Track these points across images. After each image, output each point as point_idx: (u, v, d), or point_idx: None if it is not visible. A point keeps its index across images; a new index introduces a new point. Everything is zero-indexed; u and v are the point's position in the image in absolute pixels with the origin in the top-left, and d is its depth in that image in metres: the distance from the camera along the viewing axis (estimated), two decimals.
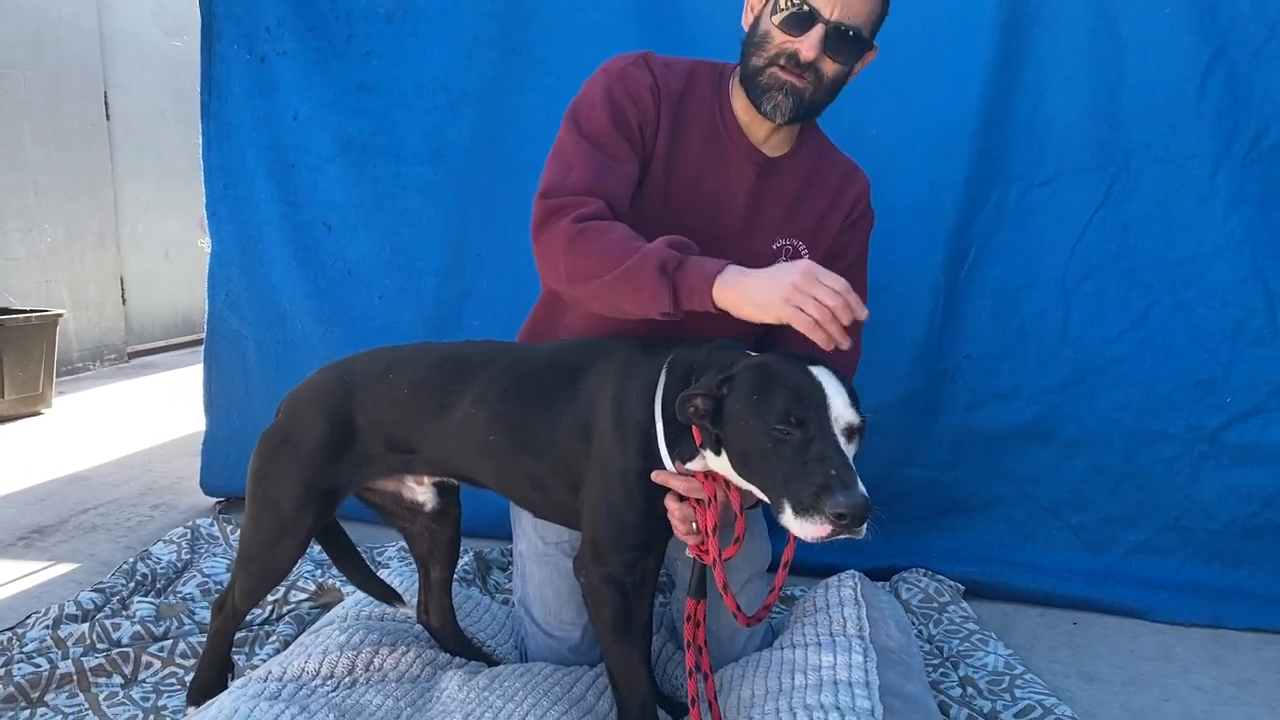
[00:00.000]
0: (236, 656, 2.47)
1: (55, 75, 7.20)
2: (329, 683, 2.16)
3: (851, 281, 2.35)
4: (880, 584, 2.96)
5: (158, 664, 2.52)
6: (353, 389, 2.11)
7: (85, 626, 2.62)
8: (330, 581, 2.94)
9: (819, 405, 1.69)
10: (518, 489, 2.11)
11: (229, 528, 3.49)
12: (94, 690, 2.41)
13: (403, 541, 2.47)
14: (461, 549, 2.46)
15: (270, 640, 2.68)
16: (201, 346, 3.96)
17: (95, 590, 2.89)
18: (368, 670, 2.23)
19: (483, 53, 3.52)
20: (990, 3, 3.11)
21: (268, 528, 2.14)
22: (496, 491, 2.14)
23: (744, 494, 1.88)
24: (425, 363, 2.12)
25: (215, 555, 3.26)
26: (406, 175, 3.64)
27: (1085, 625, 3.00)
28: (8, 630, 2.68)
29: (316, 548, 2.35)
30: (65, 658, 2.50)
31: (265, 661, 2.31)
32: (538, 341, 2.29)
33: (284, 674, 2.15)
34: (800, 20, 2.06)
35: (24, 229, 6.95)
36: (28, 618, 2.76)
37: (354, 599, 2.53)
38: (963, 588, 3.11)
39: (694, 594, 2.01)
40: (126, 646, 2.56)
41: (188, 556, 3.27)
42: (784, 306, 1.77)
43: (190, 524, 3.50)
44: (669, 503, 1.93)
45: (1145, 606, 3.02)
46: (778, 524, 1.70)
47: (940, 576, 3.12)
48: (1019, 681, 2.51)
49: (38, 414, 5.82)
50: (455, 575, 2.46)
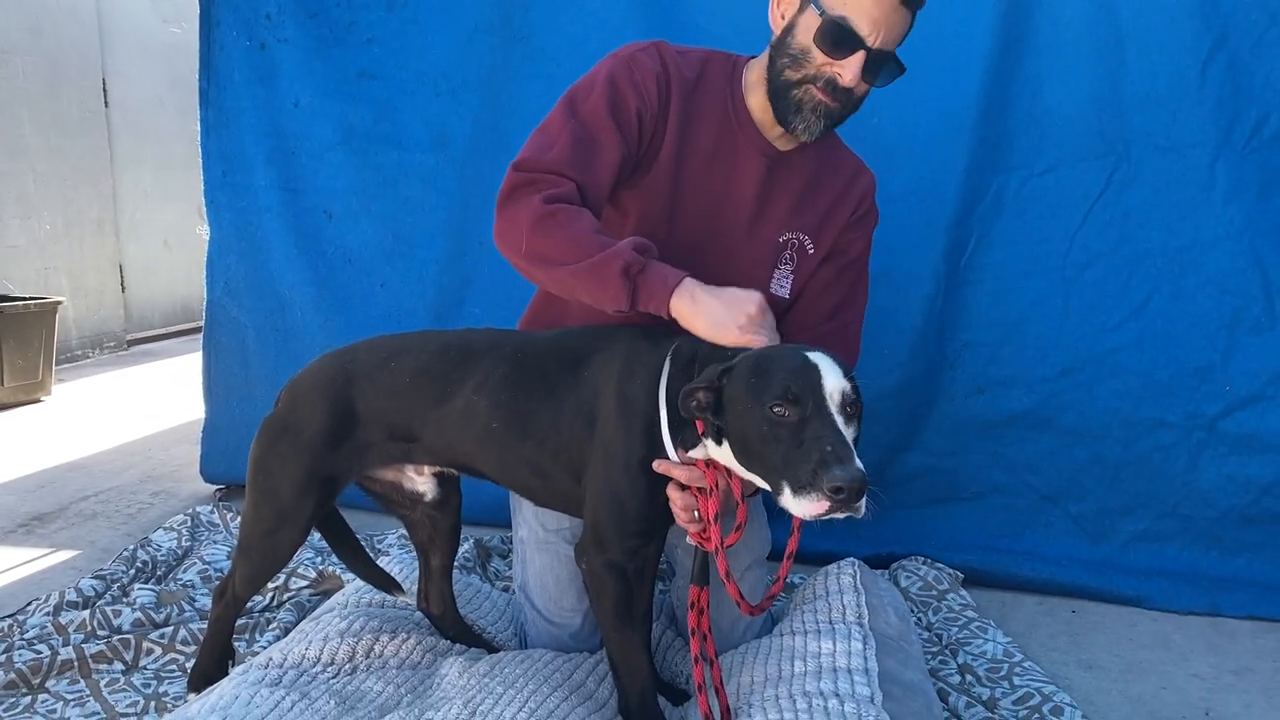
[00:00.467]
0: (237, 643, 2.47)
1: (54, 62, 7.19)
2: (329, 669, 2.17)
3: (851, 278, 2.38)
4: (879, 571, 2.96)
5: (158, 651, 2.52)
6: (353, 377, 2.11)
7: (86, 613, 2.62)
8: (331, 569, 2.94)
9: (814, 384, 1.69)
10: (519, 477, 2.11)
11: (229, 515, 3.50)
12: (95, 677, 2.41)
13: (403, 529, 2.47)
14: (462, 536, 2.46)
15: (271, 627, 2.69)
16: (201, 334, 3.96)
17: (96, 577, 2.89)
18: (368, 657, 2.23)
19: (484, 40, 3.51)
20: None
21: (268, 516, 2.15)
22: (497, 481, 2.14)
23: (745, 482, 1.88)
24: (427, 350, 2.12)
25: (215, 542, 3.27)
26: (408, 163, 3.64)
27: (1084, 613, 3.01)
28: (9, 617, 2.69)
29: (317, 535, 2.35)
30: (66, 644, 2.50)
31: (266, 648, 2.31)
32: (539, 329, 2.29)
33: (285, 661, 2.16)
34: (841, 41, 2.03)
35: (23, 216, 6.94)
36: (28, 604, 2.77)
37: (354, 586, 2.53)
38: (962, 575, 3.11)
39: (697, 581, 2.01)
40: (127, 633, 2.57)
41: (188, 544, 3.28)
42: (739, 335, 1.88)
43: (190, 511, 3.50)
44: (671, 491, 1.93)
45: (1144, 594, 3.04)
46: (778, 512, 1.71)
47: (939, 564, 3.12)
48: (1018, 669, 2.52)
49: (37, 401, 5.82)
50: (456, 562, 2.46)
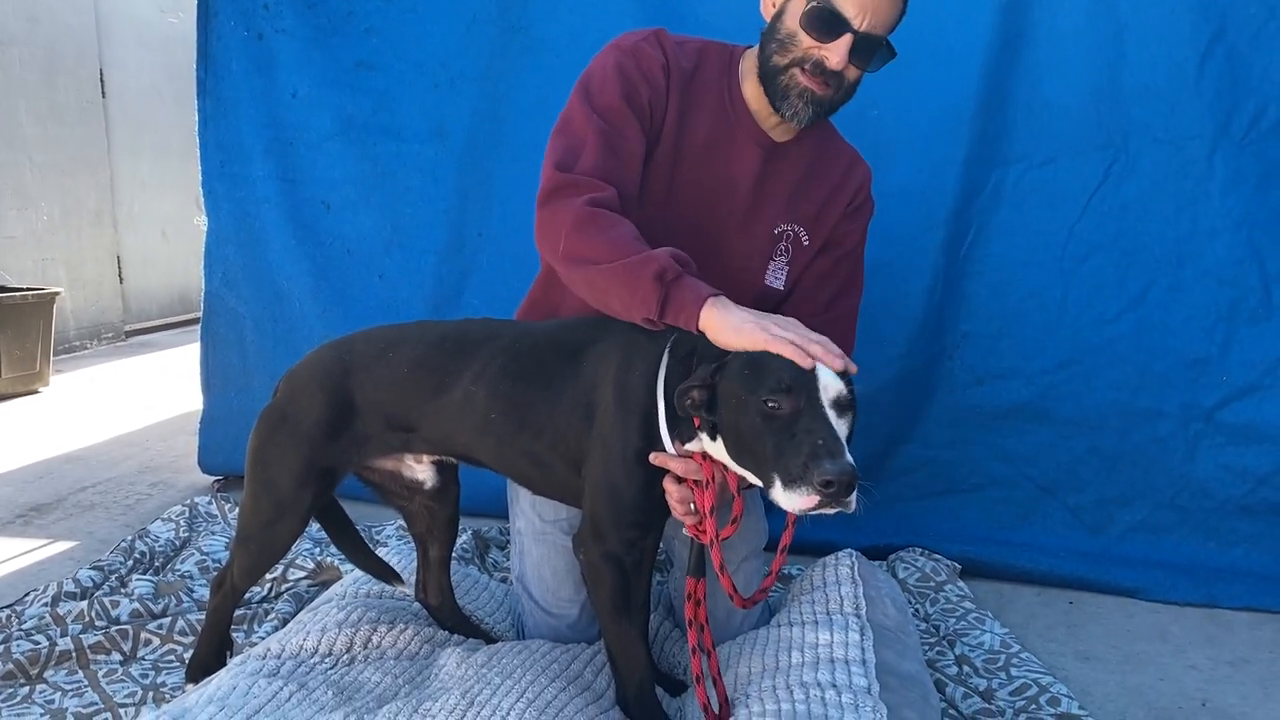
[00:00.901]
0: (235, 634, 2.47)
1: (51, 51, 7.17)
2: (327, 660, 2.17)
3: (847, 270, 2.37)
4: (877, 563, 2.97)
5: (156, 641, 2.52)
6: (351, 368, 2.11)
7: (84, 604, 2.62)
8: (329, 559, 2.95)
9: (807, 378, 1.68)
10: (517, 467, 2.11)
11: (227, 506, 3.50)
12: (93, 667, 2.41)
13: (401, 520, 2.47)
14: (460, 527, 2.46)
15: (269, 618, 2.69)
16: (199, 325, 3.96)
17: (94, 568, 2.89)
18: (366, 648, 2.23)
19: (482, 31, 3.51)
20: None
21: (266, 507, 2.15)
22: (495, 470, 2.15)
23: (741, 475, 1.88)
24: (425, 341, 2.11)
25: (214, 533, 3.27)
26: (406, 154, 3.64)
27: (1081, 604, 3.01)
28: (6, 608, 2.69)
29: (315, 526, 2.35)
30: (64, 635, 2.50)
31: (264, 639, 2.32)
32: (536, 319, 2.29)
33: (283, 651, 2.16)
34: (827, 24, 2.03)
35: (20, 207, 6.93)
36: (26, 595, 2.77)
37: (353, 577, 2.53)
38: (959, 567, 3.12)
39: (693, 573, 2.01)
40: (125, 624, 2.57)
41: (186, 534, 3.28)
42: (765, 336, 1.75)
43: (188, 502, 3.50)
44: (667, 484, 1.93)
45: (1141, 586, 3.04)
46: (775, 505, 1.70)
47: (937, 555, 3.13)
48: (1015, 660, 2.52)
49: (35, 392, 5.82)
50: (454, 553, 2.46)
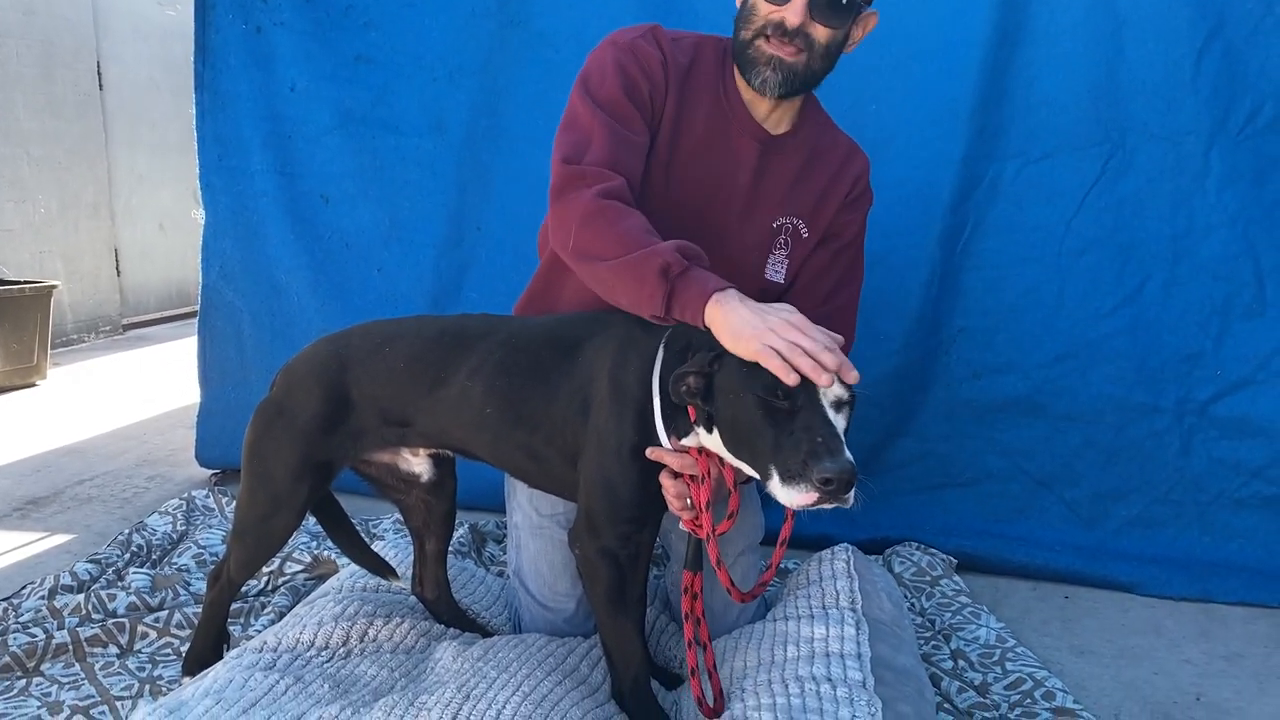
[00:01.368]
0: (232, 627, 2.48)
1: (48, 44, 7.16)
2: (324, 653, 2.17)
3: (846, 262, 2.37)
4: (873, 557, 2.97)
5: (153, 634, 2.53)
6: (348, 362, 2.11)
7: (81, 597, 2.63)
8: (325, 553, 2.95)
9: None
10: (513, 461, 2.11)
11: (224, 499, 3.50)
12: (90, 660, 2.42)
13: (398, 514, 2.47)
14: (457, 521, 2.47)
15: (265, 611, 2.69)
16: (196, 319, 3.96)
17: (91, 561, 2.89)
18: (362, 641, 2.24)
19: (481, 25, 3.51)
20: None
21: (263, 500, 2.15)
22: (492, 464, 2.15)
23: (737, 470, 1.89)
24: (421, 336, 2.12)
25: (211, 527, 3.27)
26: (405, 147, 3.64)
27: (1077, 599, 3.02)
28: (3, 601, 2.68)
29: (312, 520, 2.36)
30: (61, 628, 2.50)
31: (261, 632, 2.32)
32: (534, 314, 2.29)
33: (279, 645, 2.16)
34: None
35: (17, 200, 6.92)
36: (23, 588, 2.77)
37: (349, 570, 2.54)
38: (955, 561, 3.12)
39: (690, 567, 2.02)
40: (122, 617, 2.57)
41: (183, 528, 3.28)
42: (758, 345, 1.69)
43: (185, 496, 3.50)
44: (663, 478, 1.93)
45: (1136, 580, 3.04)
46: (772, 498, 1.71)
47: (933, 550, 3.13)
48: (1010, 654, 2.53)
49: (32, 385, 5.82)
50: (450, 547, 2.46)
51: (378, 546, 2.64)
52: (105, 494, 3.80)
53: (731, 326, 1.75)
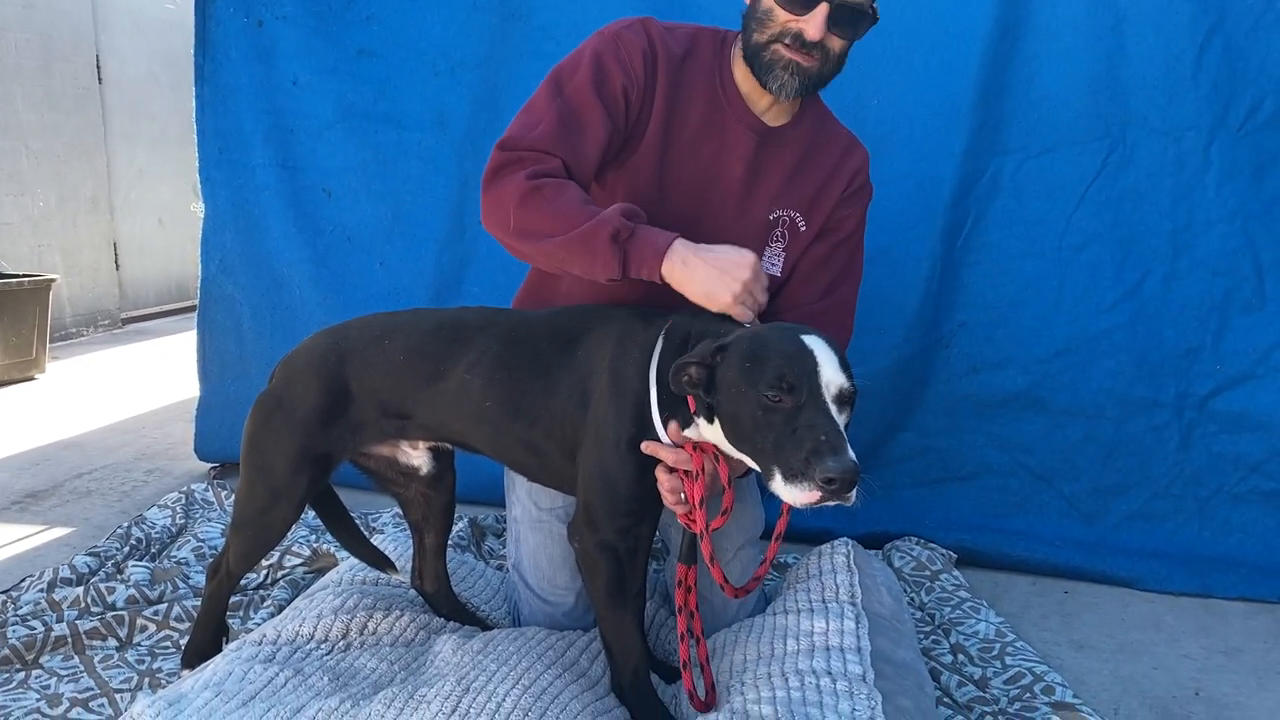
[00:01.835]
0: (231, 620, 2.48)
1: (47, 37, 7.15)
2: (323, 646, 2.17)
3: (845, 256, 2.37)
4: (873, 551, 2.96)
5: (152, 627, 2.53)
6: (347, 354, 2.11)
7: (80, 590, 2.63)
8: (325, 546, 2.95)
9: (810, 372, 1.68)
10: (512, 454, 2.11)
11: (223, 493, 3.50)
12: (89, 653, 2.42)
13: (397, 507, 2.47)
14: (456, 515, 2.47)
15: (265, 604, 2.69)
16: (195, 313, 3.95)
17: (90, 554, 2.89)
18: (362, 634, 2.24)
19: (482, 19, 3.50)
20: None
21: (262, 493, 2.15)
22: (491, 457, 2.15)
23: (733, 465, 1.88)
24: (421, 328, 2.11)
25: (210, 520, 3.27)
26: (407, 141, 3.64)
27: (1076, 594, 3.02)
28: (3, 594, 2.69)
29: (312, 513, 2.36)
30: (60, 621, 2.50)
31: (260, 625, 2.32)
32: (533, 307, 2.29)
33: (278, 637, 2.16)
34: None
35: (16, 193, 6.92)
36: (22, 581, 2.77)
37: (349, 564, 2.54)
38: (955, 555, 3.13)
39: (685, 560, 2.02)
40: (121, 610, 2.57)
41: (182, 521, 3.28)
42: (734, 305, 1.89)
43: (185, 489, 3.50)
44: (659, 473, 1.93)
45: (1136, 575, 3.04)
46: (771, 493, 1.71)
47: (933, 544, 3.14)
48: (1010, 649, 2.52)
49: (31, 379, 5.82)
50: (450, 541, 2.46)
51: (377, 540, 2.64)
52: (104, 487, 3.80)
53: (699, 285, 1.91)
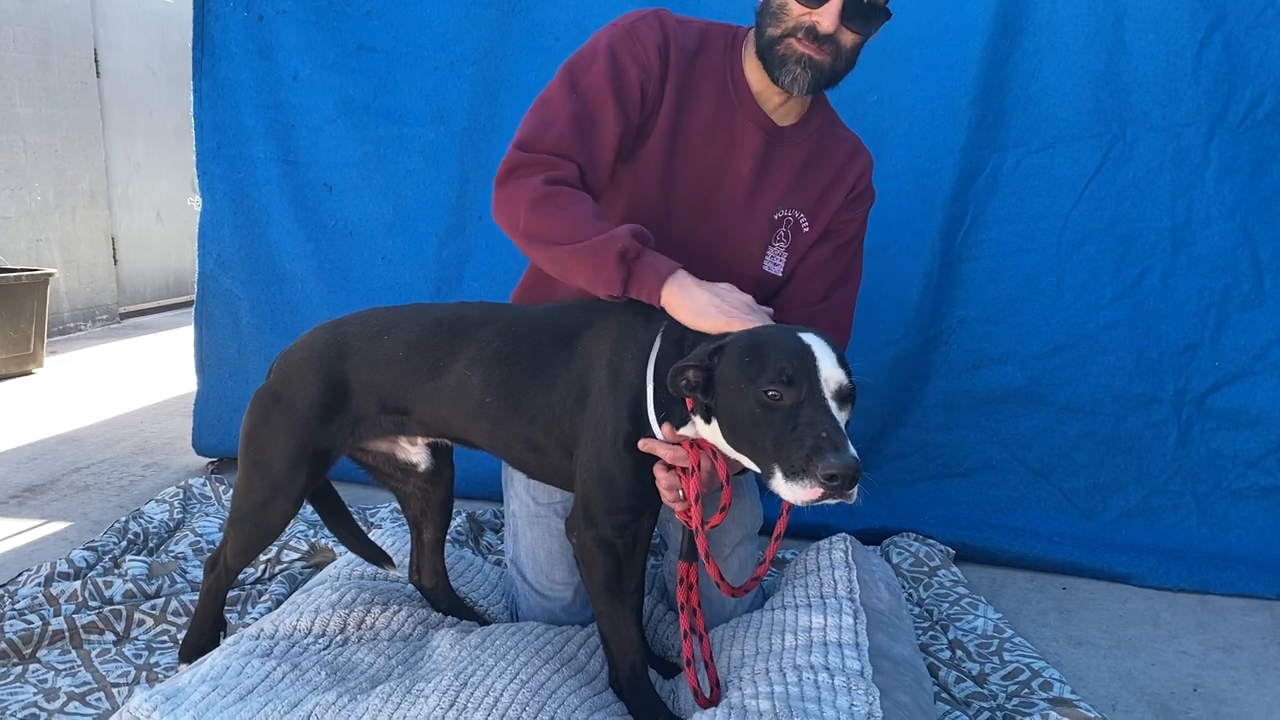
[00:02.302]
0: (229, 615, 2.47)
1: (45, 31, 7.14)
2: (321, 641, 2.17)
3: (846, 259, 2.37)
4: (871, 547, 2.96)
5: (150, 621, 2.52)
6: (346, 350, 2.11)
7: (77, 584, 2.62)
8: (323, 541, 2.95)
9: (809, 369, 1.68)
10: (511, 450, 2.11)
11: (221, 487, 3.50)
12: (86, 647, 2.42)
13: (395, 502, 2.47)
14: (454, 510, 2.47)
15: (263, 599, 2.69)
16: (193, 308, 3.95)
17: (87, 548, 2.89)
18: (360, 629, 2.24)
19: (482, 13, 3.50)
20: None
21: (260, 488, 2.14)
22: (490, 453, 2.15)
23: (731, 461, 1.88)
24: (420, 324, 2.11)
25: (208, 515, 3.27)
26: (408, 136, 3.63)
27: (1074, 590, 3.02)
28: (0, 587, 2.69)
29: (310, 508, 2.35)
30: (57, 615, 2.50)
31: (257, 620, 2.32)
32: (531, 302, 2.28)
33: (276, 632, 2.16)
34: None
35: (14, 187, 6.91)
36: (20, 575, 2.77)
37: (346, 558, 2.53)
38: (953, 552, 3.12)
39: (685, 557, 2.02)
40: (119, 604, 2.57)
41: (180, 516, 3.28)
42: (718, 317, 1.88)
43: (183, 483, 3.50)
44: (656, 469, 1.93)
45: (1134, 571, 3.04)
46: (769, 489, 1.70)
47: (931, 540, 3.13)
48: (1008, 645, 2.52)
49: (29, 373, 5.81)
50: (448, 536, 2.46)
51: (375, 535, 2.64)
52: (102, 482, 3.80)
53: (691, 306, 1.89)
